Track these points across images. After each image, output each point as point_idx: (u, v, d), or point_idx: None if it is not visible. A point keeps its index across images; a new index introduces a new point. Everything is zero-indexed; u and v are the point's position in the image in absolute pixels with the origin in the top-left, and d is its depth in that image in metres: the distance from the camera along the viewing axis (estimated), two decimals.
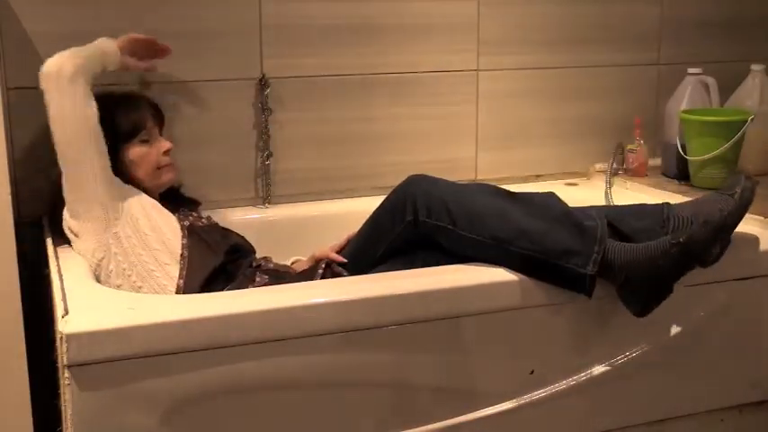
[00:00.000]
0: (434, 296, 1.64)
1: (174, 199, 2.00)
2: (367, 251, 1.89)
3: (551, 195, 1.82)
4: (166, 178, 1.94)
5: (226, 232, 1.96)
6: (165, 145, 1.93)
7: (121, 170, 1.86)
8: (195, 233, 1.85)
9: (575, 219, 1.71)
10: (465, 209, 1.75)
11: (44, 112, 1.98)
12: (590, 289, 1.67)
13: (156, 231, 1.80)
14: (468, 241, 1.73)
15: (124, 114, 1.89)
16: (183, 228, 1.84)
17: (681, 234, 1.66)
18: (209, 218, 1.99)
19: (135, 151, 1.88)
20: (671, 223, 1.76)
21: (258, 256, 1.95)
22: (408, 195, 1.82)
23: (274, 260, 1.95)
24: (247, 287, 1.77)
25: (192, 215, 1.94)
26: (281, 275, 1.86)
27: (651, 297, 1.69)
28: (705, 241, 1.67)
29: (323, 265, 1.85)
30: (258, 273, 1.83)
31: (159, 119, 1.98)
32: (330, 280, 1.76)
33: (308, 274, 1.86)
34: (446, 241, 1.78)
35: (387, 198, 1.89)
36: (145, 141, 1.90)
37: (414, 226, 1.80)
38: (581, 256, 1.65)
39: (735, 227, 1.75)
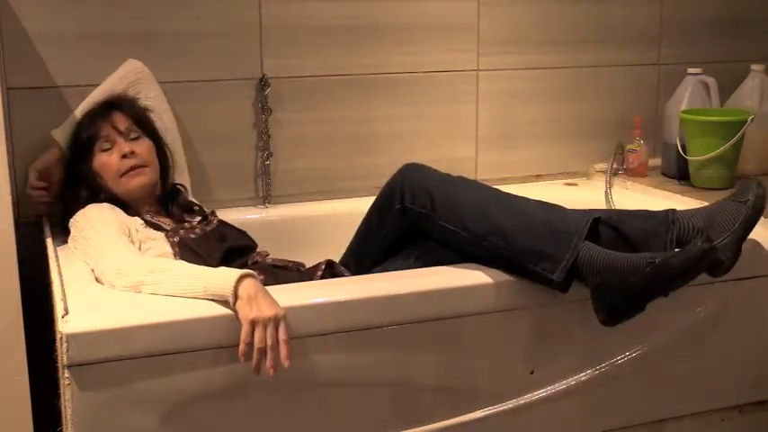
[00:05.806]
0: (434, 296, 1.64)
1: (173, 206, 1.93)
2: (365, 248, 1.89)
3: (536, 200, 1.76)
4: (134, 183, 1.84)
5: (224, 232, 1.91)
6: (122, 148, 1.82)
7: (93, 184, 1.83)
8: (187, 248, 1.78)
9: (553, 222, 1.66)
10: (446, 198, 1.74)
11: (44, 112, 2.00)
12: (564, 288, 1.63)
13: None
14: (445, 231, 1.73)
15: (84, 127, 1.86)
16: (173, 245, 1.77)
17: (659, 255, 1.57)
18: (208, 221, 1.92)
19: (96, 162, 1.84)
20: (676, 227, 1.71)
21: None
22: (397, 184, 1.82)
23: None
24: None
25: (184, 227, 1.86)
26: (278, 273, 1.84)
27: (620, 309, 1.60)
28: (681, 267, 1.55)
29: (323, 266, 1.84)
30: (255, 270, 1.81)
31: (127, 120, 1.86)
32: (330, 280, 1.76)
33: (307, 275, 1.84)
34: (431, 230, 1.77)
35: (380, 191, 1.88)
36: (106, 150, 1.84)
37: (402, 214, 1.80)
38: (551, 260, 1.61)
39: (747, 235, 1.70)
